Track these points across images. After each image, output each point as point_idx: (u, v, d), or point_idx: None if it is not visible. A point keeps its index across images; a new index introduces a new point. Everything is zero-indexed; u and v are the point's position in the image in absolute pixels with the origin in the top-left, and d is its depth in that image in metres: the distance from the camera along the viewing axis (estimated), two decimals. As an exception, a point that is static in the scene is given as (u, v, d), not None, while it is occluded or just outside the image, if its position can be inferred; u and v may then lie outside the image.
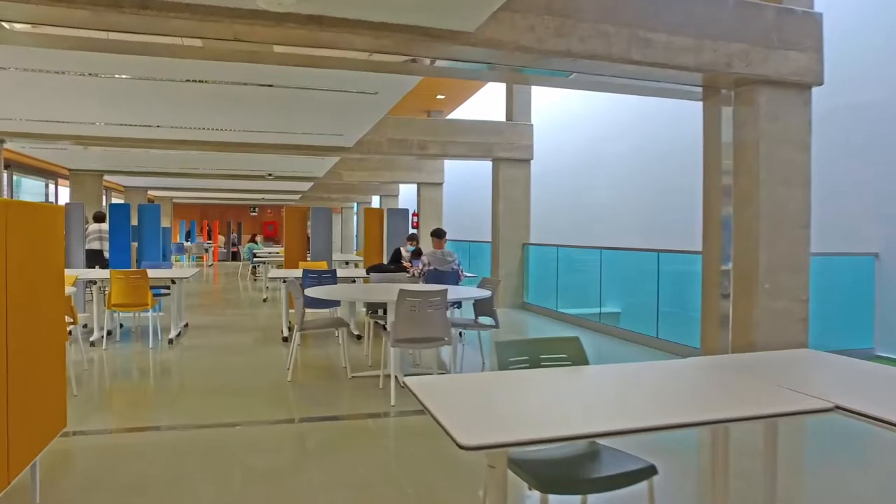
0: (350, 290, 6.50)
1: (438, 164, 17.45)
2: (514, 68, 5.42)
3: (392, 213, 11.37)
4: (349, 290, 6.61)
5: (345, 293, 6.27)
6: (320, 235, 10.88)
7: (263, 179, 16.75)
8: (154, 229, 10.47)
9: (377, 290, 6.45)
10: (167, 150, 11.70)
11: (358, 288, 6.87)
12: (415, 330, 5.32)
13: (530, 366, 2.85)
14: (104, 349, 7.42)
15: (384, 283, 7.24)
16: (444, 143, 11.29)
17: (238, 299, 13.32)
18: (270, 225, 32.74)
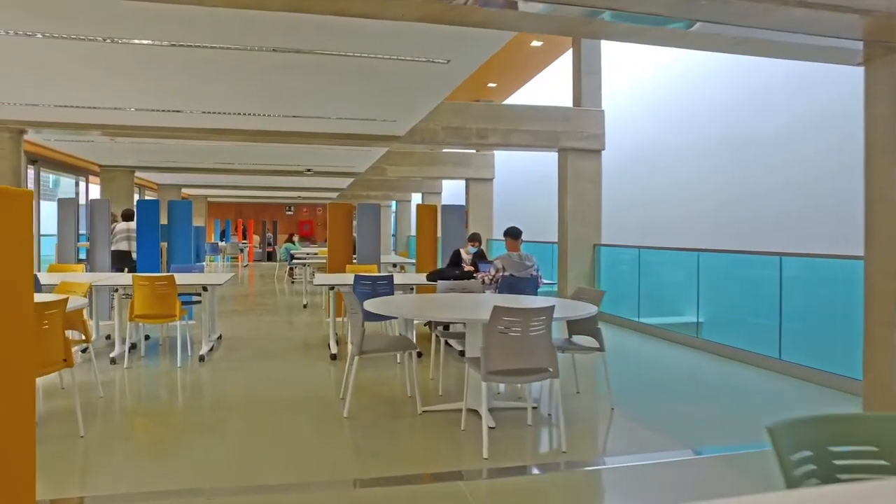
0: (423, 305, 5.27)
1: (488, 158, 16.21)
2: (623, 15, 4.10)
3: (447, 210, 10.17)
4: (421, 304, 5.38)
5: (418, 309, 5.05)
6: (368, 235, 9.72)
7: (301, 175, 15.69)
8: (185, 228, 9.42)
9: (453, 304, 5.24)
10: (200, 142, 10.66)
11: (430, 302, 5.63)
12: (513, 359, 4.09)
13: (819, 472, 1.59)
14: (126, 367, 6.34)
15: (452, 294, 6.03)
16: (506, 131, 10.04)
17: (275, 304, 12.25)
18: (306, 224, 31.84)
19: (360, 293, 6.69)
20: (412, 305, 5.16)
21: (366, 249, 9.66)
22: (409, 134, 9.60)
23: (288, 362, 6.87)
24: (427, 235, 10.02)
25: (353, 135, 9.50)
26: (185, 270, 8.17)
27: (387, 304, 5.04)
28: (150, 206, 9.27)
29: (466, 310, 4.92)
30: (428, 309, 5.07)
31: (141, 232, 9.26)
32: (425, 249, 9.99)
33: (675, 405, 5.44)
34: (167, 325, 7.34)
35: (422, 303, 5.33)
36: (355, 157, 12.56)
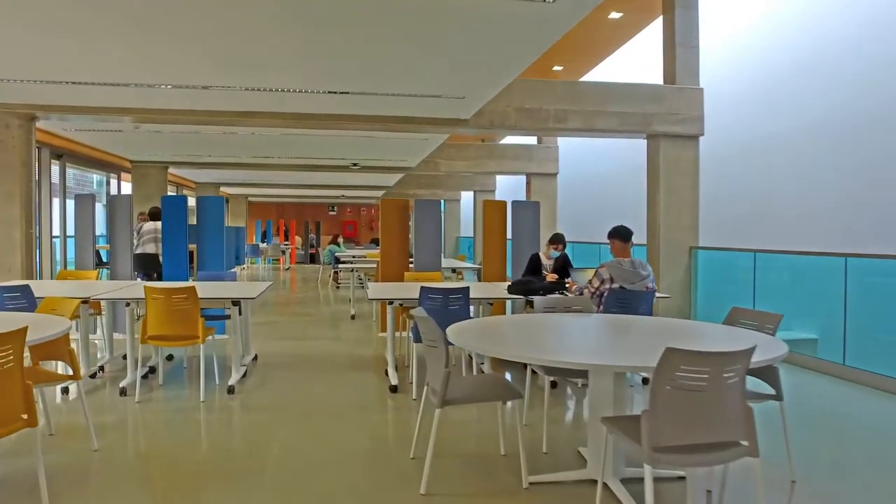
0: (533, 339, 3.70)
1: (552, 151, 14.69)
2: None
3: (519, 207, 8.69)
4: (527, 335, 3.82)
5: (529, 347, 3.53)
6: (427, 236, 8.32)
7: (347, 171, 14.40)
8: (216, 228, 8.14)
9: (571, 335, 3.79)
10: (237, 129, 9.42)
11: (536, 331, 4.06)
12: (694, 428, 2.61)
13: None
14: (136, 402, 5.05)
15: (556, 315, 4.55)
16: (589, 113, 8.52)
17: (319, 314, 10.94)
18: (350, 225, 30.70)
19: (429, 311, 5.28)
20: (518, 339, 3.69)
21: (425, 253, 8.26)
22: (476, 117, 8.16)
23: (337, 394, 5.48)
24: (495, 236, 8.56)
25: (410, 118, 8.10)
26: (214, 279, 6.89)
27: (482, 335, 3.60)
28: (175, 203, 8.03)
29: (595, 346, 3.46)
30: (543, 345, 3.57)
31: (166, 233, 8.03)
32: (493, 253, 8.53)
33: (877, 475, 3.88)
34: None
35: (525, 332, 3.84)
36: (409, 147, 11.18)
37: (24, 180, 7.58)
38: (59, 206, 11.55)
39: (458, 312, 5.31)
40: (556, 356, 3.15)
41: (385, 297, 5.64)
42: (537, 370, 4.26)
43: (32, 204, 7.77)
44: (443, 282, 7.26)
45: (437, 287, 5.35)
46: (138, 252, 9.37)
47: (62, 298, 4.09)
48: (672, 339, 3.42)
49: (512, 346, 3.53)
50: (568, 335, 3.83)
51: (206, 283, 6.52)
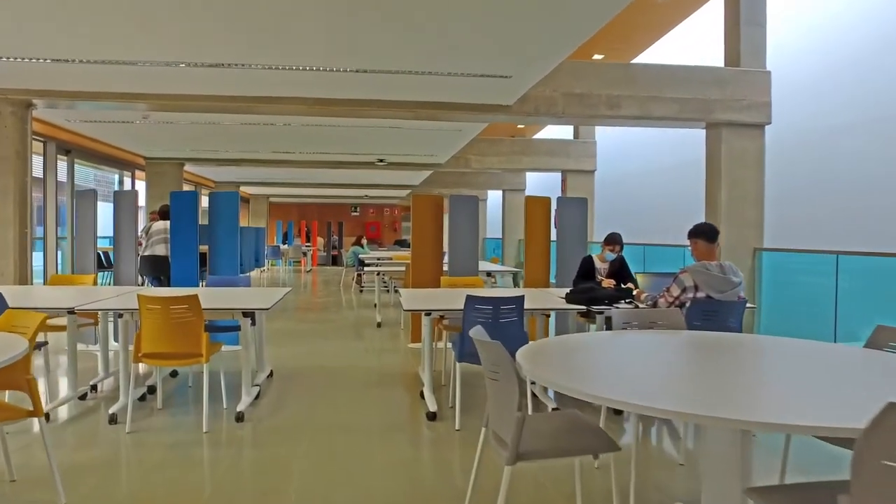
0: (645, 376, 2.73)
1: (589, 147, 13.76)
2: None
3: (565, 203, 7.80)
4: (634, 368, 2.88)
5: (668, 396, 2.52)
6: (464, 236, 7.46)
7: (372, 167, 13.59)
8: (230, 227, 7.35)
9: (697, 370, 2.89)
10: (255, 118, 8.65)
11: (649, 362, 3.10)
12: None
13: None
14: (127, 432, 4.24)
15: (642, 334, 3.65)
16: (645, 99, 7.60)
17: (343, 320, 10.12)
18: (373, 226, 29.93)
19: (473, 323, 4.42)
20: (611, 371, 2.77)
21: (461, 255, 7.41)
22: (520, 103, 7.29)
23: (364, 422, 4.63)
24: (538, 237, 7.69)
25: (445, 104, 7.24)
26: (226, 284, 6.08)
27: (562, 367, 2.71)
28: (184, 200, 7.25)
29: (743, 388, 2.54)
30: (666, 387, 2.61)
31: (174, 233, 7.26)
32: (536, 255, 7.65)
33: None
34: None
35: (616, 360, 2.92)
36: (440, 141, 10.33)
37: (18, 174, 6.85)
38: (67, 206, 10.87)
39: (510, 328, 4.44)
40: (715, 411, 2.16)
41: (422, 307, 4.78)
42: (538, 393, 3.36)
43: (28, 201, 7.04)
44: (484, 287, 6.39)
45: (485, 296, 4.47)
46: (147, 254, 8.63)
47: (24, 312, 3.28)
48: (851, 376, 2.53)
49: (626, 388, 2.54)
50: (683, 367, 2.92)
51: (216, 289, 5.72)
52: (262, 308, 4.54)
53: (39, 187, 10.11)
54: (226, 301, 4.87)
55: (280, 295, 5.14)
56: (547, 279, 7.75)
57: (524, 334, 4.52)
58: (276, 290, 5.47)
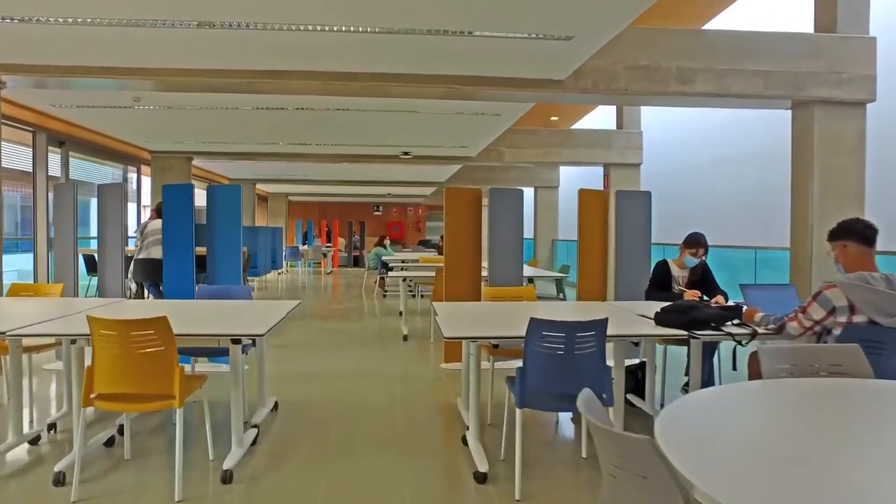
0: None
1: (634, 138, 12.50)
2: None
3: (624, 198, 6.58)
4: None
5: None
6: (506, 237, 6.29)
7: (396, 161, 12.45)
8: (230, 227, 6.25)
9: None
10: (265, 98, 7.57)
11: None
12: None
13: None
14: (74, 500, 3.13)
15: (816, 381, 2.45)
16: (722, 72, 6.36)
17: (364, 331, 8.98)
18: (396, 226, 28.83)
19: (542, 356, 3.27)
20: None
21: (504, 260, 6.23)
22: (575, 77, 6.09)
23: (394, 484, 3.47)
24: (594, 239, 6.49)
25: (485, 79, 6.06)
26: (220, 295, 4.96)
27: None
28: (177, 194, 6.15)
29: None
30: None
31: (166, 232, 6.19)
32: (592, 261, 6.46)
33: None
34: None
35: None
36: (474, 128, 9.14)
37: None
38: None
39: (588, 362, 3.26)
40: None
41: (468, 333, 3.58)
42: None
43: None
44: (537, 300, 5.20)
45: (555, 320, 3.28)
46: (141, 257, 7.60)
47: None
48: None
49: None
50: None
51: (206, 303, 4.60)
52: (256, 334, 3.39)
53: (29, 182, 9.12)
54: (210, 322, 3.75)
55: (283, 312, 4.00)
56: (604, 290, 6.56)
57: (607, 371, 3.34)
58: (280, 306, 4.34)
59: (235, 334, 3.38)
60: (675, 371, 5.67)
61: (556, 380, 3.26)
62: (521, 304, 4.79)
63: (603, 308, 4.65)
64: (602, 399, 3.31)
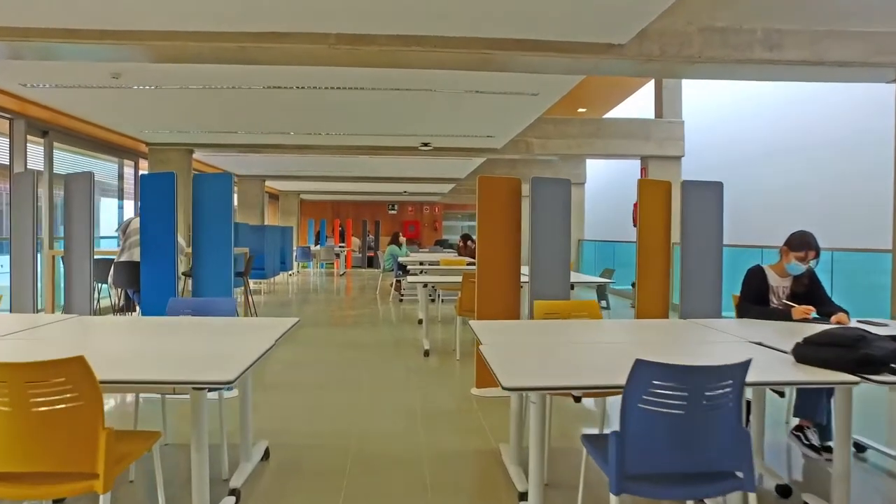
0: None
1: (675, 128, 11.35)
2: None
3: (694, 189, 5.45)
4: None
5: None
6: (553, 238, 5.19)
7: (414, 154, 11.37)
8: (219, 225, 5.20)
9: None
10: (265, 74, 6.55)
11: None
12: None
13: None
14: None
15: None
16: (817, 35, 5.21)
17: (378, 345, 7.91)
18: (412, 225, 27.78)
19: (648, 418, 2.15)
20: None
21: (549, 266, 5.13)
22: (639, 41, 4.98)
23: None
24: (656, 237, 5.39)
25: (527, 42, 4.95)
26: (197, 310, 3.89)
27: None
28: (158, 184, 5.11)
29: None
30: None
31: (145, 230, 5.16)
32: (652, 268, 5.36)
33: None
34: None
35: None
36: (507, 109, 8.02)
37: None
38: (45, 198, 8.90)
39: (720, 425, 2.16)
40: None
41: (539, 383, 2.45)
42: None
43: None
44: (603, 318, 4.09)
45: (673, 364, 2.16)
46: (123, 260, 6.57)
47: None
48: None
49: None
50: None
51: (170, 324, 3.53)
52: (220, 382, 2.28)
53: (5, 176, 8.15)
54: (163, 357, 2.66)
55: (270, 340, 2.92)
56: (666, 305, 5.46)
57: (745, 438, 2.24)
58: (272, 327, 3.28)
59: (191, 381, 2.30)
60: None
61: (673, 452, 2.16)
62: (585, 324, 3.69)
63: (696, 330, 3.53)
64: (739, 481, 2.20)
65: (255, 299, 12.38)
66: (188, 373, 2.37)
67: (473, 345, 7.50)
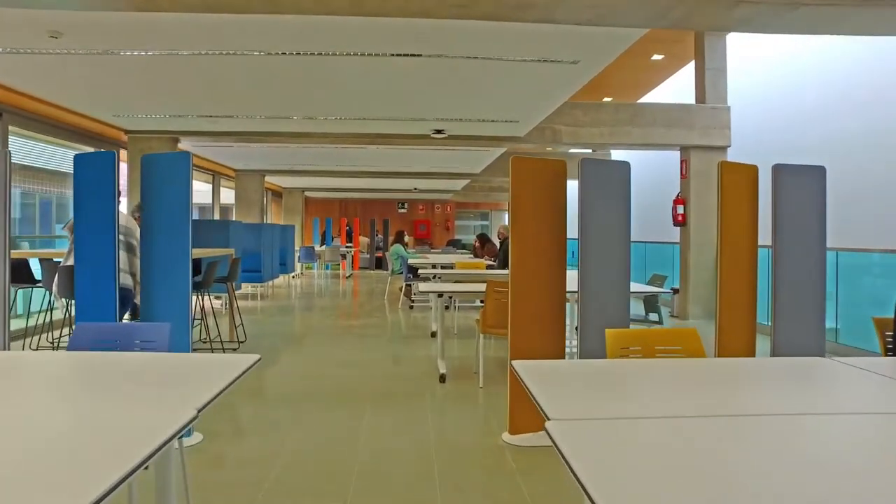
0: None
1: (720, 114, 10.08)
2: None
3: (788, 175, 4.20)
4: None
5: None
6: (607, 236, 3.97)
7: (426, 143, 10.14)
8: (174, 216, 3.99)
9: None
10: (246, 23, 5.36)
11: None
12: None
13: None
14: None
15: None
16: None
17: (384, 365, 6.70)
18: (422, 224, 26.56)
19: None
20: None
21: (603, 272, 3.91)
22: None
23: None
24: (740, 237, 4.16)
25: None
26: (110, 341, 2.66)
27: None
28: (93, 166, 3.93)
29: None
30: None
31: (79, 222, 3.99)
32: (737, 277, 4.13)
33: None
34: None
35: None
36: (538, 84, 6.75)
37: None
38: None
39: None
40: None
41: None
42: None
43: None
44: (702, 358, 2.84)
45: None
46: (69, 264, 5.36)
47: None
48: None
49: None
50: None
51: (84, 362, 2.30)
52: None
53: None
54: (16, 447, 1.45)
55: (191, 410, 1.68)
56: (752, 329, 4.24)
57: None
58: (222, 369, 2.06)
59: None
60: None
61: None
62: (691, 368, 2.44)
63: (870, 382, 2.26)
64: None
65: (250, 305, 11.20)
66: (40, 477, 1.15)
67: (498, 366, 6.28)
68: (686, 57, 11.03)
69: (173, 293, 3.88)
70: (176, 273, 3.92)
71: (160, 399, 1.83)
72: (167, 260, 3.93)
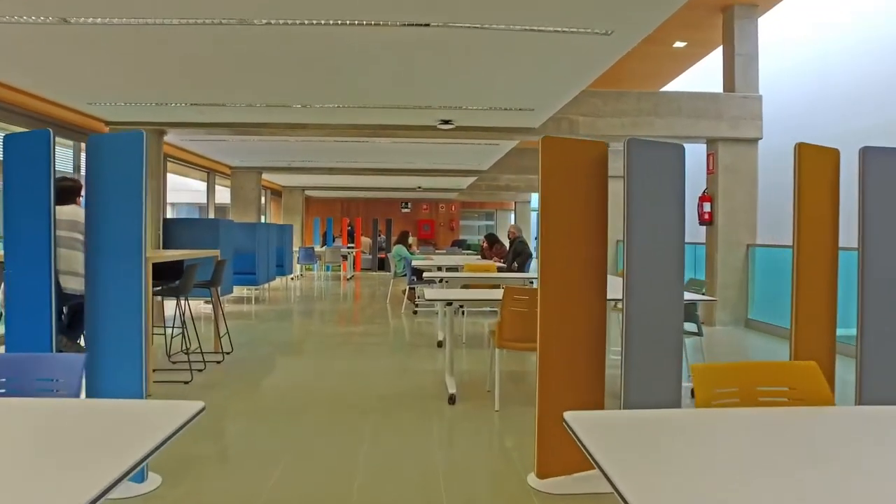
0: None
1: (751, 104, 9.29)
2: None
3: (878, 160, 3.43)
4: None
5: None
6: (661, 234, 3.21)
7: (432, 135, 9.37)
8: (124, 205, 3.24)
9: None
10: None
11: None
12: None
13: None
14: None
15: None
16: None
17: (385, 381, 5.95)
18: (426, 224, 25.81)
19: None
20: None
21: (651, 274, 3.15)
22: None
23: None
24: (821, 233, 3.40)
25: None
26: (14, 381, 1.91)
27: None
28: (25, 147, 3.20)
29: None
30: None
31: (6, 222, 3.25)
32: (816, 282, 3.36)
33: None
34: None
35: None
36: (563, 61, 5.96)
37: None
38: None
39: None
40: None
41: None
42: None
43: None
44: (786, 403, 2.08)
45: None
46: None
47: None
48: None
49: None
50: None
51: None
52: None
53: None
54: None
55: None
56: (832, 342, 3.48)
57: None
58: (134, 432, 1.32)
59: None
60: None
61: None
62: (814, 417, 1.67)
63: None
64: None
65: (244, 309, 10.47)
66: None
67: (513, 381, 5.52)
68: (710, 44, 10.26)
69: (120, 311, 3.12)
70: (121, 272, 3.16)
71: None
72: (110, 257, 3.18)
